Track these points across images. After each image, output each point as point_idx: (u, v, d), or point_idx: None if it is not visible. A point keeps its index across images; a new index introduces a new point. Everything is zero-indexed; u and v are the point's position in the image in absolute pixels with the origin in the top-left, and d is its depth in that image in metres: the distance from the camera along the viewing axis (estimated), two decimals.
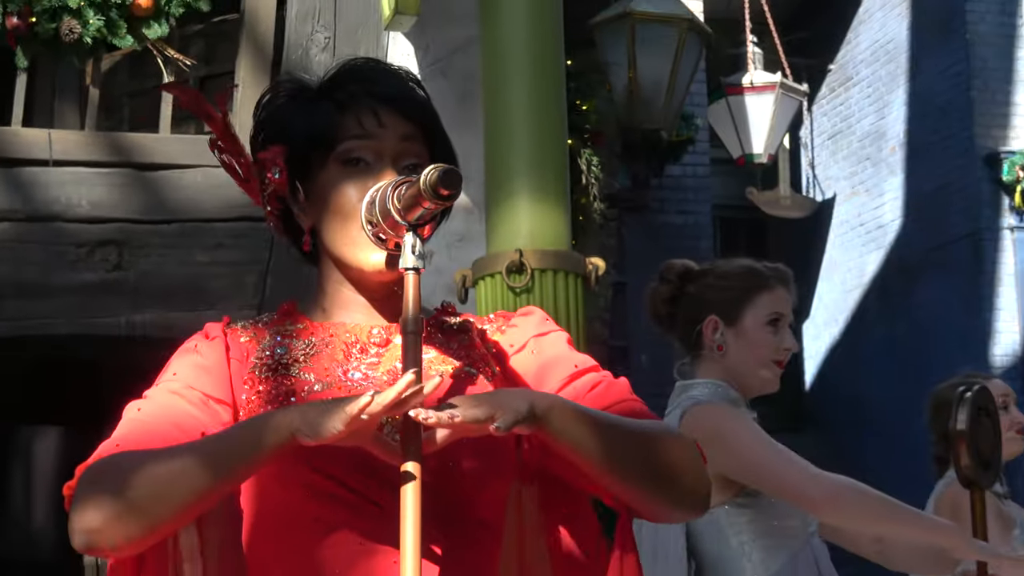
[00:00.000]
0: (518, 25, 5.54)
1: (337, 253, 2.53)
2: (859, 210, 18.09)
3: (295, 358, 2.49)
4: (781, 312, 4.27)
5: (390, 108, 2.53)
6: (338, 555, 2.36)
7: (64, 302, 6.73)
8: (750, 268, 4.41)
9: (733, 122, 14.30)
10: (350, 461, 2.35)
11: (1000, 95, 16.03)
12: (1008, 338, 15.67)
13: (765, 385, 4.28)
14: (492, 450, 2.43)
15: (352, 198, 2.46)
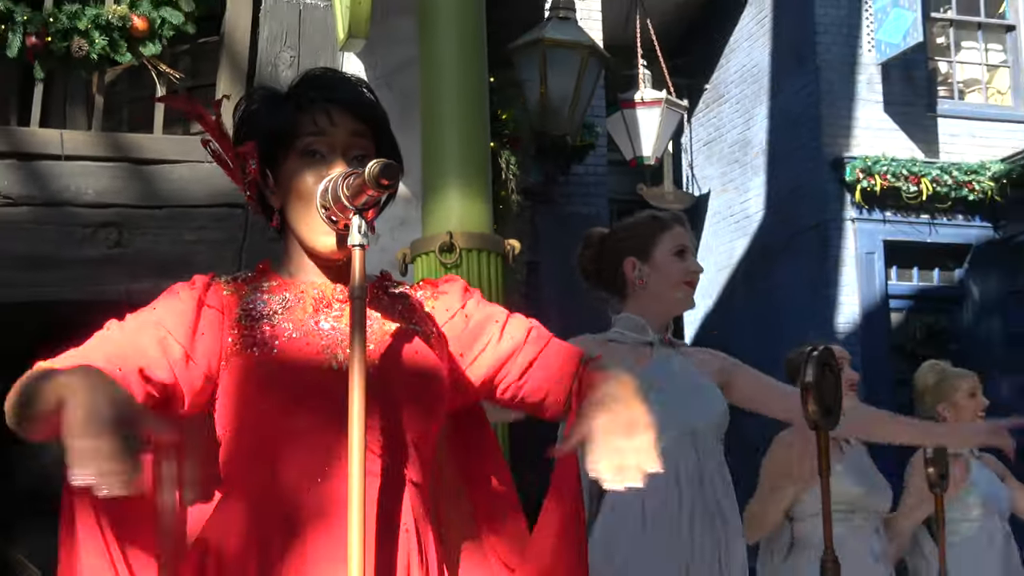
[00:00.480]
0: (450, 48, 5.55)
1: (298, 232, 2.57)
2: (729, 204, 18.17)
3: (274, 310, 2.52)
4: (684, 244, 4.32)
5: (341, 109, 2.57)
6: (308, 465, 2.40)
7: (73, 273, 6.70)
8: (652, 215, 4.45)
9: (627, 130, 14.32)
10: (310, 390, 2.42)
11: (844, 111, 16.12)
12: (849, 310, 15.77)
13: (681, 304, 4.35)
14: (428, 386, 2.53)
15: (309, 184, 2.50)
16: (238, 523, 2.40)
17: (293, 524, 2.37)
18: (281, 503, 2.39)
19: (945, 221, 16.14)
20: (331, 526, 2.31)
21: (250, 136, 2.62)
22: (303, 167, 2.54)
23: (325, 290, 2.57)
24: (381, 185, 2.24)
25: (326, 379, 2.39)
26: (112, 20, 6.74)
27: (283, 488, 2.39)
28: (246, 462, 2.43)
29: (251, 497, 2.42)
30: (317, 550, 2.34)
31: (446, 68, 5.54)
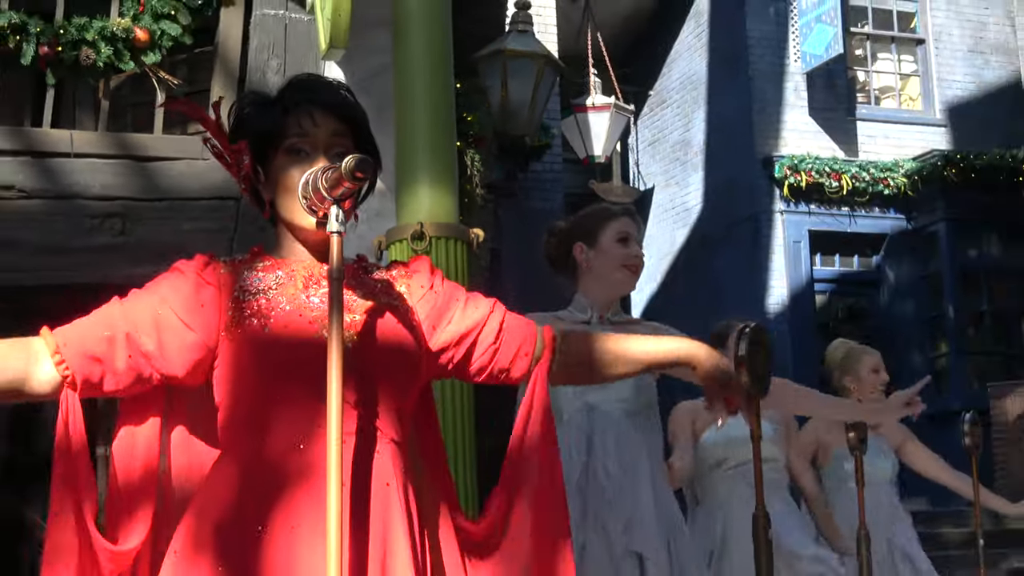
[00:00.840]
0: (420, 57, 5.54)
1: (286, 217, 2.58)
2: (671, 198, 18.19)
3: (268, 285, 2.53)
4: (627, 232, 4.32)
5: (323, 111, 2.58)
6: (295, 430, 2.41)
7: (81, 260, 6.69)
8: (601, 206, 4.48)
9: (579, 132, 14.31)
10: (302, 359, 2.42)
11: (773, 115, 16.18)
12: (778, 293, 15.84)
13: (621, 285, 4.35)
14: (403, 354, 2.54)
15: (295, 179, 2.51)
16: (230, 485, 2.40)
17: (281, 486, 2.36)
18: (270, 466, 2.39)
19: (863, 213, 16.21)
20: (316, 486, 2.31)
21: (243, 136, 2.62)
22: (289, 164, 2.55)
23: (313, 269, 2.57)
24: (356, 178, 2.25)
25: (317, 349, 2.39)
26: (117, 32, 6.72)
27: (272, 452, 2.39)
28: (240, 427, 2.44)
29: (243, 460, 2.41)
30: (303, 510, 2.34)
31: (417, 75, 5.53)
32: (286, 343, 2.44)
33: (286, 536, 2.33)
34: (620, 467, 4.09)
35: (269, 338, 2.43)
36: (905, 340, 16.32)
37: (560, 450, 4.12)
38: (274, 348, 2.43)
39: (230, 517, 2.37)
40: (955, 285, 15.89)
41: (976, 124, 16.86)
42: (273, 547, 2.33)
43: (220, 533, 2.36)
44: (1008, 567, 9.33)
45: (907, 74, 17.47)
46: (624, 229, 4.33)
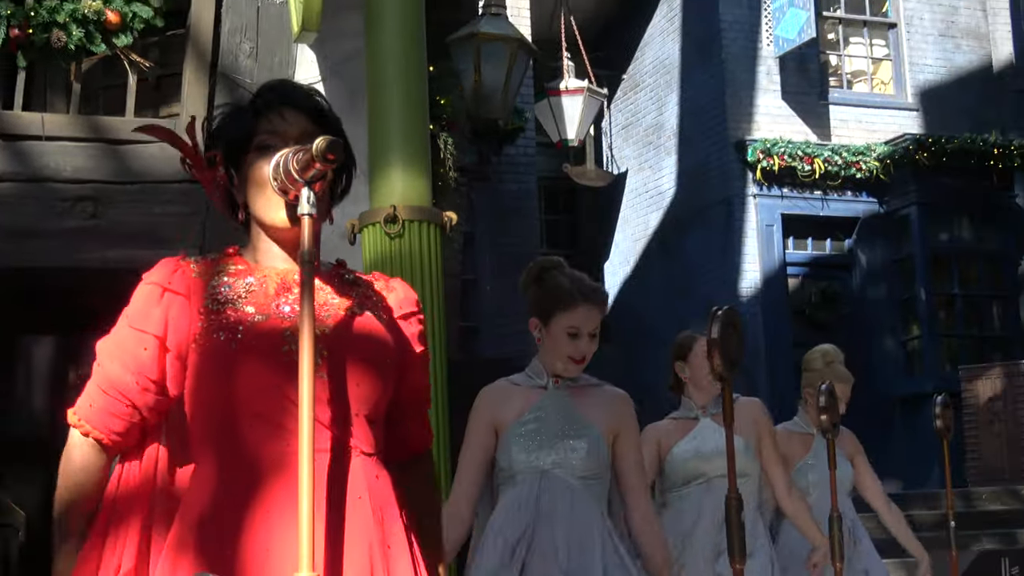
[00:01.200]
0: (393, 41, 5.54)
1: (257, 215, 2.55)
2: (644, 181, 18.20)
3: (239, 294, 2.50)
4: (578, 327, 4.22)
5: (293, 109, 2.56)
6: (270, 441, 2.40)
7: (54, 243, 6.67)
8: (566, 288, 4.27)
9: (553, 115, 14.29)
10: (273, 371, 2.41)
11: (746, 99, 16.20)
12: (751, 276, 15.86)
13: (562, 372, 4.26)
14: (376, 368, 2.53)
15: (264, 172, 2.48)
16: (208, 496, 2.38)
17: (258, 496, 2.36)
18: (246, 476, 2.38)
19: (836, 197, 16.24)
20: (292, 496, 2.29)
21: (216, 146, 2.62)
22: (259, 159, 2.51)
23: (287, 275, 2.54)
24: (327, 159, 2.23)
25: (286, 363, 2.38)
26: (88, 14, 6.69)
27: (247, 462, 2.39)
28: (214, 439, 2.42)
29: (219, 471, 2.40)
30: (280, 519, 2.33)
31: (389, 59, 5.53)
32: (256, 356, 2.42)
33: (262, 534, 2.33)
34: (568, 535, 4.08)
35: (239, 352, 2.41)
36: (877, 323, 16.38)
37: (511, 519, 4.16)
38: (245, 362, 2.41)
39: (209, 518, 2.36)
40: (927, 268, 15.94)
41: (947, 108, 16.91)
42: (249, 545, 2.32)
43: (199, 534, 2.35)
44: (979, 549, 9.38)
45: (879, 58, 17.50)
46: (576, 324, 4.21)
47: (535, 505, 4.11)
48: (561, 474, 4.14)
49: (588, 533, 4.11)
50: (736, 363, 3.19)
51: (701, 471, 5.49)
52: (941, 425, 5.15)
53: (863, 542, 6.26)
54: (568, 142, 14.48)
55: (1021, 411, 13.50)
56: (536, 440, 4.15)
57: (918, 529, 11.11)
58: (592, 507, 4.15)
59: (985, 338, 16.41)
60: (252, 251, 2.61)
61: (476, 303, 13.87)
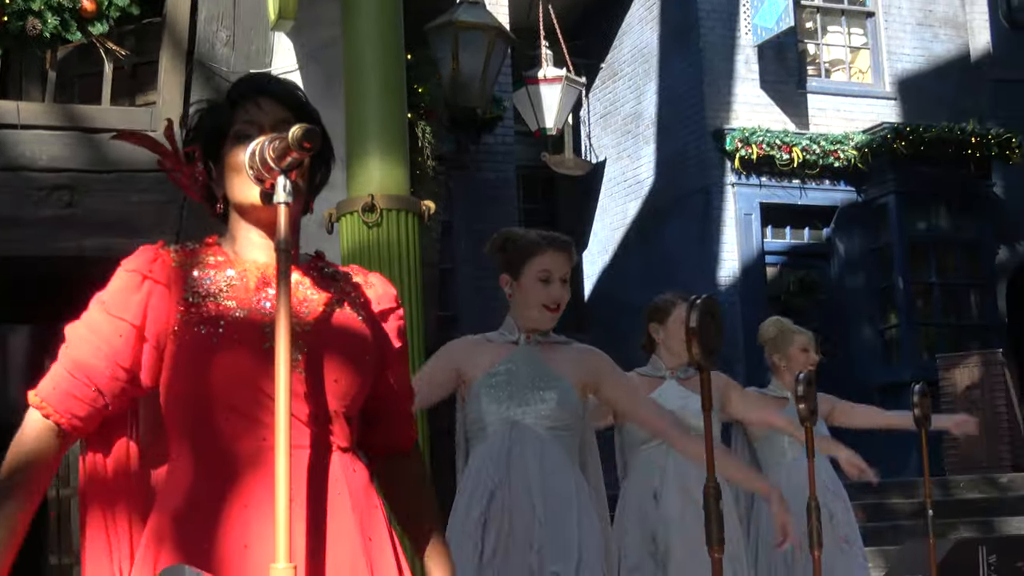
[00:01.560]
0: (370, 28, 5.53)
1: (234, 199, 2.54)
2: (623, 170, 18.21)
3: (220, 288, 2.48)
4: (549, 270, 4.27)
5: (268, 98, 2.55)
6: (248, 434, 2.39)
7: (30, 231, 6.65)
8: (532, 239, 4.36)
9: (531, 104, 14.30)
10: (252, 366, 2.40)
11: (724, 88, 16.22)
12: (729, 265, 15.90)
13: (537, 323, 4.30)
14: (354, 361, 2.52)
15: (241, 157, 2.46)
16: (185, 490, 2.38)
17: (235, 491, 2.35)
18: (224, 469, 2.37)
19: (814, 186, 16.28)
20: (269, 492, 2.28)
21: (195, 141, 2.61)
22: (235, 147, 2.50)
23: (267, 270, 2.52)
24: (303, 148, 2.21)
25: (268, 355, 2.37)
26: (63, 2, 6.66)
27: (225, 455, 2.38)
28: (191, 433, 2.41)
29: (196, 465, 2.39)
30: (257, 513, 2.32)
31: (367, 46, 5.52)
32: (236, 353, 2.40)
33: (239, 526, 2.32)
34: (541, 485, 4.11)
35: (219, 346, 2.40)
36: (855, 312, 16.43)
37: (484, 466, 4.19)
38: (224, 358, 2.40)
39: (186, 510, 2.35)
40: (905, 257, 15.99)
41: (925, 97, 16.96)
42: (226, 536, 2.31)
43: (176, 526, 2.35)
44: (956, 537, 9.41)
45: (857, 47, 17.53)
46: (547, 267, 4.26)
47: (506, 458, 4.15)
48: (531, 424, 4.18)
49: (562, 485, 4.15)
50: (715, 352, 3.19)
51: None
52: (919, 414, 5.15)
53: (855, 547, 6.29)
54: (546, 131, 14.50)
55: (999, 399, 13.57)
56: (506, 391, 4.21)
57: (895, 517, 11.18)
58: (563, 458, 4.20)
59: (963, 327, 16.47)
60: (231, 242, 2.59)
61: (454, 292, 13.88)
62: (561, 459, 4.18)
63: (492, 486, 4.12)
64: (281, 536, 2.11)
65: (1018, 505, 11.95)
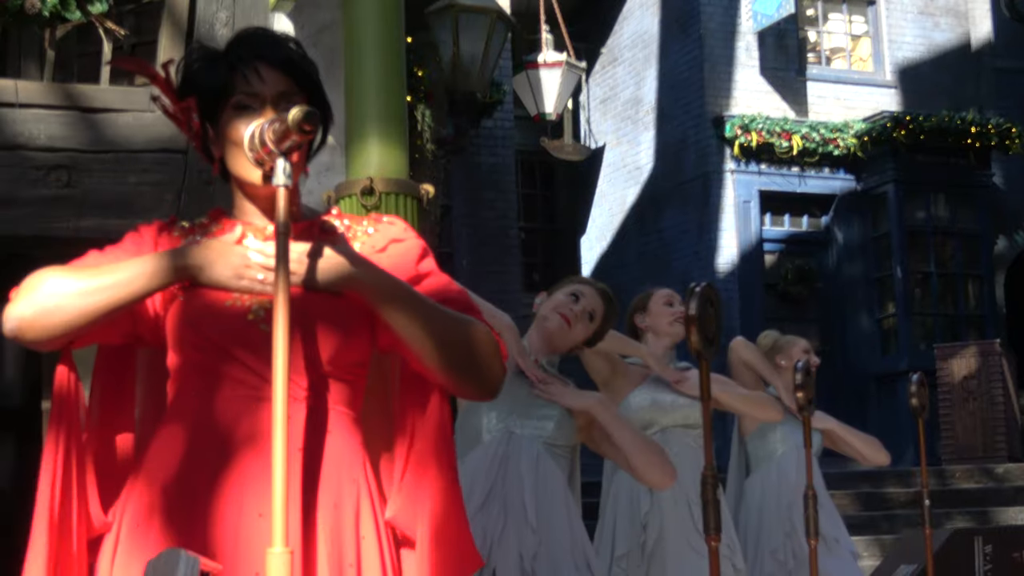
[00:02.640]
0: (370, 11, 5.51)
1: (235, 172, 2.52)
2: (622, 156, 18.21)
3: None
4: (583, 292, 4.34)
5: (269, 66, 2.51)
6: (241, 396, 2.38)
7: (27, 211, 6.64)
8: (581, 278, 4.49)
9: (531, 89, 14.29)
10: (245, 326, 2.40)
11: (724, 74, 16.21)
12: (728, 252, 15.91)
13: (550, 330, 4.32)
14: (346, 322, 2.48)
15: (241, 132, 2.45)
16: (178, 449, 2.37)
17: (228, 450, 2.34)
18: (217, 430, 2.36)
19: (813, 174, 16.29)
20: (262, 451, 2.28)
21: (190, 93, 2.57)
22: (235, 118, 2.48)
23: (265, 231, 2.51)
24: (303, 130, 2.20)
25: (259, 316, 2.37)
26: None
27: (219, 417, 2.37)
28: (186, 392, 2.41)
29: (190, 425, 2.39)
30: (250, 475, 2.32)
31: (367, 29, 5.50)
32: (229, 311, 2.41)
33: (233, 503, 2.31)
34: (535, 494, 4.11)
35: (212, 306, 2.40)
36: (853, 301, 16.44)
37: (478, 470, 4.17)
38: (217, 317, 2.40)
39: (177, 484, 2.34)
40: (903, 246, 16.00)
41: (925, 86, 16.96)
42: (220, 513, 2.30)
43: (168, 500, 2.33)
44: (952, 526, 9.42)
45: (858, 35, 17.52)
46: (582, 291, 4.36)
47: (501, 464, 4.14)
48: (530, 436, 4.18)
49: (554, 495, 4.15)
50: (714, 341, 3.17)
51: (656, 420, 5.47)
52: (916, 404, 5.14)
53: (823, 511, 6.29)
54: (546, 116, 14.49)
55: (995, 390, 13.57)
56: (508, 403, 4.17)
57: (891, 507, 11.20)
58: (556, 472, 4.19)
59: (960, 317, 16.48)
60: (232, 207, 2.60)
61: (452, 276, 13.82)
62: (555, 472, 4.19)
63: (486, 490, 4.11)
64: (278, 521, 2.10)
65: (1014, 495, 11.97)
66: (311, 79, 2.59)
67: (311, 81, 2.58)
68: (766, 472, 6.21)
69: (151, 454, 2.41)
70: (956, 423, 13.69)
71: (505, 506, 4.09)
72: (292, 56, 2.57)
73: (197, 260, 2.38)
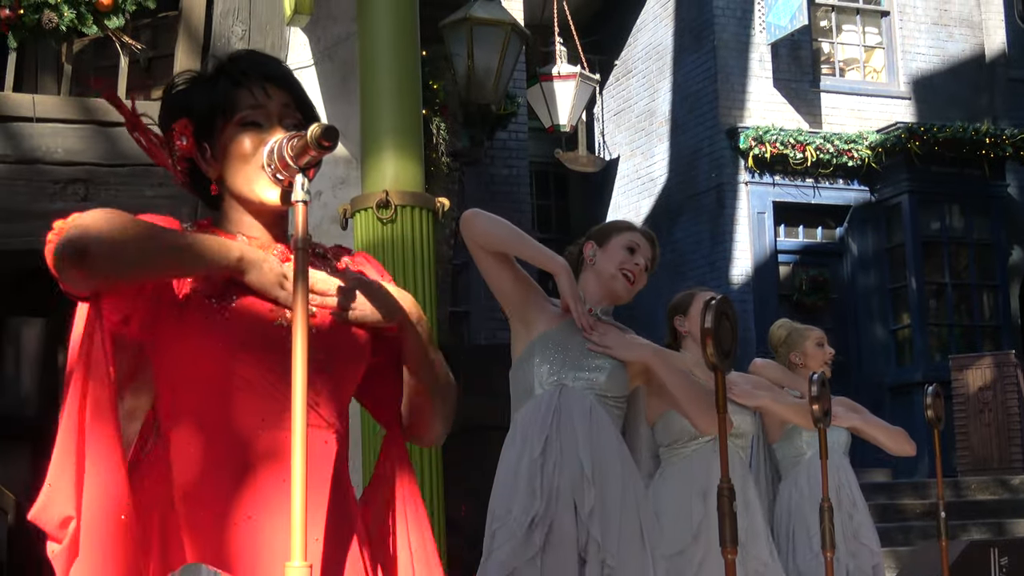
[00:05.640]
0: (386, 24, 5.54)
1: (239, 191, 2.53)
2: (636, 168, 18.20)
3: None
4: (637, 243, 4.41)
5: (273, 83, 2.54)
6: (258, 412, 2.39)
7: (44, 225, 6.57)
8: (623, 222, 4.57)
9: (545, 101, 14.30)
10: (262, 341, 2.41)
11: (738, 86, 16.20)
12: (742, 263, 15.88)
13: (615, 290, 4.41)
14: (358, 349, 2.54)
15: (248, 148, 2.47)
16: (194, 460, 2.37)
17: (244, 466, 2.35)
18: (233, 445, 2.37)
19: (827, 185, 16.26)
20: (279, 470, 2.29)
21: (180, 115, 2.56)
22: (242, 134, 2.50)
23: (267, 247, 2.52)
24: (322, 146, 2.22)
25: (277, 332, 2.37)
26: None
27: (234, 432, 2.37)
28: (200, 404, 2.40)
29: (205, 438, 2.38)
30: (266, 494, 2.33)
31: (382, 42, 5.53)
32: (247, 326, 2.40)
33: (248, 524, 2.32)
34: (588, 447, 4.10)
35: (230, 319, 2.40)
36: (867, 311, 16.41)
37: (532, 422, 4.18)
38: (233, 332, 2.39)
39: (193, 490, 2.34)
40: (918, 257, 15.96)
41: (940, 97, 16.93)
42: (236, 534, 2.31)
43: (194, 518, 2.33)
44: (968, 538, 9.40)
45: (871, 46, 17.50)
46: (636, 240, 4.43)
47: (554, 416, 4.15)
48: (582, 388, 4.19)
49: (608, 448, 4.16)
50: (730, 353, 3.18)
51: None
52: (932, 415, 5.13)
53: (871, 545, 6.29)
54: (560, 127, 14.50)
55: (1011, 401, 13.53)
56: (559, 356, 4.22)
57: (907, 518, 11.17)
58: (609, 423, 4.21)
59: (975, 327, 16.43)
60: (226, 222, 2.59)
61: (467, 288, 13.86)
62: (607, 423, 4.20)
63: (542, 442, 4.11)
64: (296, 536, 2.10)
65: None
66: (304, 93, 2.62)
67: (304, 95, 2.62)
68: (795, 477, 6.21)
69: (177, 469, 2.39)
70: (971, 434, 13.64)
71: (561, 460, 4.10)
72: (289, 73, 2.62)
73: (249, 256, 2.40)
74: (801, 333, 6.53)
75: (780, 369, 6.33)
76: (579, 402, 4.17)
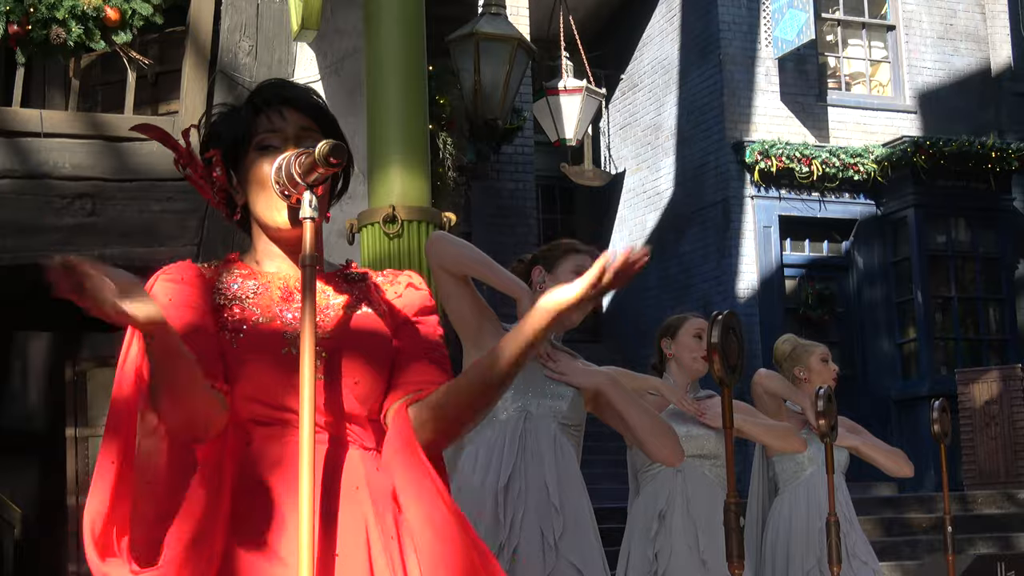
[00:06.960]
0: (392, 39, 5.53)
1: (259, 217, 2.55)
2: (642, 181, 18.20)
3: (246, 295, 2.50)
4: (584, 266, 4.31)
5: (290, 107, 2.56)
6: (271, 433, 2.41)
7: (52, 239, 6.68)
8: (569, 242, 4.48)
9: (551, 115, 14.30)
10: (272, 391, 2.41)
11: (744, 100, 16.20)
12: (748, 277, 15.87)
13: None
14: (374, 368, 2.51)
15: (265, 171, 2.48)
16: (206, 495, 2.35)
17: (261, 488, 2.36)
18: (247, 467, 2.38)
19: (833, 199, 16.25)
20: (293, 490, 2.28)
21: (213, 145, 2.60)
22: (259, 158, 2.52)
23: (289, 282, 2.54)
24: (330, 163, 2.22)
25: (287, 362, 2.37)
26: (87, 10, 6.69)
27: (251, 453, 2.39)
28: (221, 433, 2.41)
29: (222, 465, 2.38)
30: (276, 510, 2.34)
31: (389, 57, 5.52)
32: (256, 357, 2.42)
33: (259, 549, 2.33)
34: (556, 473, 4.09)
35: (239, 352, 2.42)
36: (873, 325, 16.39)
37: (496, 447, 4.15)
38: (244, 362, 2.41)
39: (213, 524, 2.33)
40: (924, 271, 15.94)
41: (945, 111, 16.92)
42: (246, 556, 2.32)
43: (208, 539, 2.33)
44: (975, 552, 9.38)
45: (877, 60, 17.50)
46: (584, 265, 4.26)
47: (520, 442, 4.13)
48: (546, 415, 4.17)
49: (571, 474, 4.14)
50: (736, 368, 3.17)
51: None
52: (939, 430, 5.13)
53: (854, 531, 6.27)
54: (566, 141, 14.51)
55: (1017, 414, 13.51)
56: (521, 382, 4.17)
57: (913, 532, 11.15)
58: (571, 451, 4.19)
59: (981, 341, 16.42)
60: (253, 254, 2.61)
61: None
62: (570, 450, 4.19)
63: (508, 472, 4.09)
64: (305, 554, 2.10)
65: None
66: (330, 118, 2.62)
67: (330, 120, 2.62)
68: (794, 493, 6.20)
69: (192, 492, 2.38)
70: (978, 448, 13.62)
71: (526, 486, 4.08)
72: (313, 99, 2.62)
73: None
74: (806, 348, 6.53)
75: (783, 381, 6.32)
76: (544, 430, 4.15)
